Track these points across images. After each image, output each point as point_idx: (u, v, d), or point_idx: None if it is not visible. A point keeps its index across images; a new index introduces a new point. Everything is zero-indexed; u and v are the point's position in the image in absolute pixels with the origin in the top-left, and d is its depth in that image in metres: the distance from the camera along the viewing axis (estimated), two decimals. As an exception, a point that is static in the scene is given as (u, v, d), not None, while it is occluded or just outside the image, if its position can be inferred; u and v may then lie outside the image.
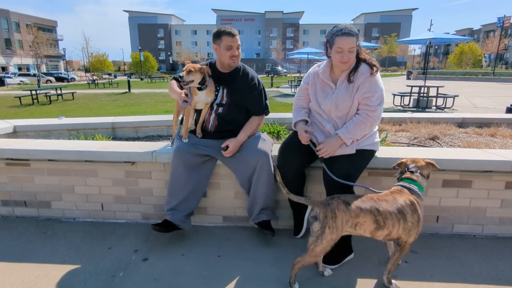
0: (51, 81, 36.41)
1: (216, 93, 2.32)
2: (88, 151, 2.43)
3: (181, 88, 2.35)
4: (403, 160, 1.93)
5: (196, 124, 2.44)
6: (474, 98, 12.80)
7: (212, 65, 2.35)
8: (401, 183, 1.83)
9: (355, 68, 2.03)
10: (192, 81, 2.16)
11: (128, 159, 2.42)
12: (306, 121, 2.23)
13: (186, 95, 2.21)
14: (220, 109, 2.33)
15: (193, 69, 2.15)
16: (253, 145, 2.26)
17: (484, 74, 29.68)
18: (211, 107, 2.34)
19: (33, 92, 14.06)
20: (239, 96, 2.32)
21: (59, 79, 39.48)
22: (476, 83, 22.79)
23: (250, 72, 2.37)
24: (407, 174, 1.84)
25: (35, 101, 13.95)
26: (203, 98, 2.26)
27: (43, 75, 35.83)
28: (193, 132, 2.42)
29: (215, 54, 2.29)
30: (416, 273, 1.97)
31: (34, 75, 35.55)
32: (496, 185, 2.32)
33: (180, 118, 2.51)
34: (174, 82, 2.36)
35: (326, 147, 2.03)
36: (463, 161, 2.24)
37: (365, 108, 2.02)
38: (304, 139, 2.12)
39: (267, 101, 2.43)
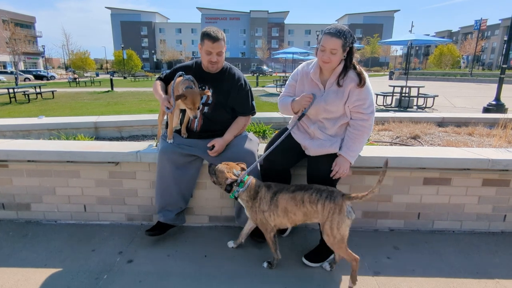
0: (29, 79, 35.23)
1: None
2: (70, 151, 2.37)
3: (166, 89, 2.32)
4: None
5: (181, 124, 2.42)
6: (453, 98, 13.21)
7: (197, 64, 2.34)
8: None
9: (344, 72, 2.01)
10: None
11: (112, 160, 2.38)
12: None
13: (169, 101, 2.17)
14: (206, 109, 2.32)
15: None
16: (239, 144, 2.26)
17: (462, 75, 30.66)
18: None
19: (11, 91, 13.56)
20: (225, 96, 2.31)
21: (38, 77, 38.25)
22: (454, 84, 23.52)
23: (237, 72, 2.37)
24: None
25: (13, 100, 13.48)
26: None
27: (21, 73, 34.59)
28: (178, 132, 2.40)
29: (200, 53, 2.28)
30: (399, 269, 2.03)
31: (11, 72, 34.28)
32: (474, 182, 2.41)
33: (165, 118, 2.48)
34: (158, 83, 2.33)
35: (340, 168, 2.00)
36: (443, 160, 2.32)
37: (358, 118, 2.02)
38: (306, 100, 2.04)
39: (254, 102, 2.43)
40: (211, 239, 2.35)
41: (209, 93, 2.19)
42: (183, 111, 2.39)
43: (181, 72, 2.20)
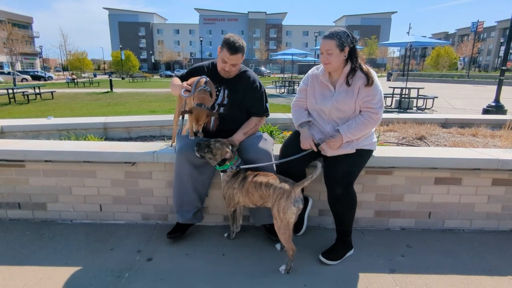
0: (26, 80, 35.16)
1: (218, 93, 2.35)
2: (88, 151, 2.40)
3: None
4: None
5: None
6: (452, 99, 13.33)
7: (214, 65, 2.38)
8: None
9: (352, 72, 2.09)
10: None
11: (129, 160, 2.40)
12: (308, 121, 2.28)
13: (189, 87, 2.17)
14: (221, 109, 2.36)
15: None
16: (254, 144, 2.30)
17: (459, 76, 30.85)
18: (213, 107, 2.36)
19: (10, 91, 13.53)
20: (240, 97, 2.35)
21: (36, 77, 38.15)
22: (452, 85, 23.71)
23: (252, 75, 2.41)
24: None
25: (12, 100, 13.45)
26: None
27: (18, 74, 34.47)
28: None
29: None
30: (413, 266, 2.07)
31: (9, 73, 34.14)
32: (483, 182, 2.46)
33: (180, 119, 2.51)
34: (177, 79, 2.37)
35: (330, 143, 2.08)
36: (454, 160, 2.37)
37: (368, 111, 2.08)
38: (306, 145, 2.15)
39: (267, 104, 2.47)
40: (227, 238, 2.39)
41: (216, 115, 2.24)
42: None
43: (206, 77, 2.19)
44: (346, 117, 2.15)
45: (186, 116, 2.46)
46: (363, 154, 2.18)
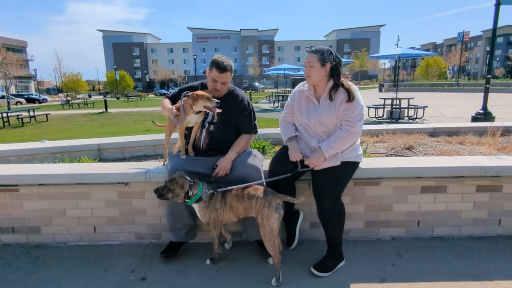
0: (21, 103, 35.22)
1: (207, 112, 2.42)
2: (81, 173, 2.44)
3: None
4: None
5: (187, 143, 2.52)
6: (442, 108, 13.57)
7: (203, 86, 2.47)
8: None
9: (335, 88, 2.19)
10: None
11: (121, 180, 2.45)
12: (296, 136, 2.36)
13: (178, 109, 2.26)
14: (212, 127, 2.43)
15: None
16: (244, 161, 2.36)
17: (449, 85, 31.45)
18: (203, 125, 2.44)
19: (4, 115, 13.58)
20: (229, 116, 2.43)
21: (30, 100, 38.24)
22: (442, 94, 24.13)
23: (240, 94, 2.50)
24: None
25: (6, 124, 13.47)
26: (195, 118, 2.36)
27: (13, 97, 34.56)
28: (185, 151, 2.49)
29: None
30: (403, 275, 2.11)
31: (3, 97, 34.21)
32: (468, 189, 2.53)
33: (171, 137, 2.58)
34: (166, 100, 2.45)
35: (312, 161, 2.17)
36: (437, 168, 2.45)
37: (346, 124, 2.17)
38: (296, 157, 2.23)
39: (256, 121, 2.55)
40: (220, 254, 2.41)
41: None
42: (189, 130, 2.49)
43: (186, 92, 2.31)
44: (329, 132, 2.24)
45: (177, 134, 2.53)
46: (349, 167, 2.25)
